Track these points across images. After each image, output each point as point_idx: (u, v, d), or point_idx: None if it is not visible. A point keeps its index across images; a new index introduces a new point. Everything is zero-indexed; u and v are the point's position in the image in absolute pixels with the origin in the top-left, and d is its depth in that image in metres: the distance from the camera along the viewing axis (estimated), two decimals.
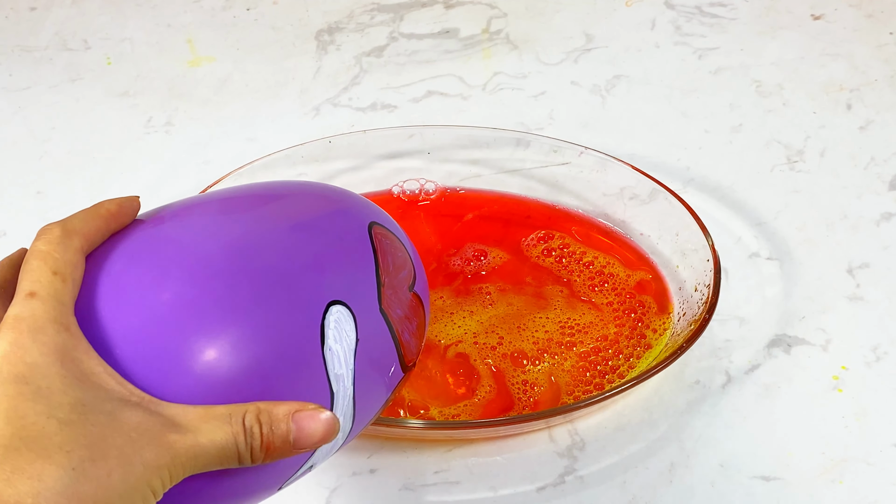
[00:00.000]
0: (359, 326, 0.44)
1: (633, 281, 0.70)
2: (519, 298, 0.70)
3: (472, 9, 1.01)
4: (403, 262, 0.50)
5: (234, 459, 0.39)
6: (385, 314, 0.46)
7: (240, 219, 0.45)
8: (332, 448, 0.45)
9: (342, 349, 0.43)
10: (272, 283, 0.42)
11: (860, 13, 0.99)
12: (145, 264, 0.41)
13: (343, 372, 0.43)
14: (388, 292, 0.47)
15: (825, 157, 0.83)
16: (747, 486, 0.61)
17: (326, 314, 0.42)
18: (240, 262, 0.42)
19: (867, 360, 0.68)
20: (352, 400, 0.44)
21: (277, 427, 0.39)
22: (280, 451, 0.39)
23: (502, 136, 0.77)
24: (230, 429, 0.38)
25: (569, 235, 0.73)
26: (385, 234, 0.49)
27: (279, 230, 0.45)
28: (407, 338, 0.49)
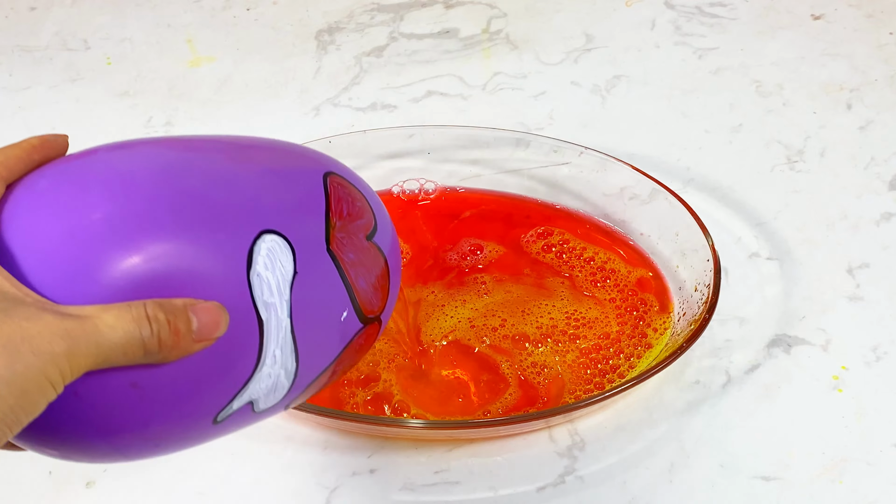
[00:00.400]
0: (298, 260, 0.45)
1: (633, 278, 0.70)
2: (518, 287, 0.70)
3: (472, 9, 1.01)
4: (361, 212, 0.50)
5: (139, 349, 0.39)
6: (334, 255, 0.47)
7: (178, 148, 0.46)
8: (275, 387, 0.45)
9: (274, 278, 0.43)
10: (195, 203, 0.43)
11: (860, 13, 0.99)
12: (67, 181, 0.42)
13: (275, 301, 0.43)
14: (340, 235, 0.48)
15: (825, 157, 0.83)
16: (747, 486, 0.61)
17: (257, 241, 0.43)
18: (164, 179, 0.43)
19: (867, 360, 0.68)
20: (289, 333, 0.44)
21: (179, 315, 0.39)
22: (186, 341, 0.40)
23: (502, 136, 0.77)
24: (131, 315, 0.38)
25: (568, 231, 0.73)
26: (342, 184, 0.50)
27: (217, 160, 0.46)
28: (363, 285, 0.49)
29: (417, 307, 0.69)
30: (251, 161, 0.48)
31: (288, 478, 0.62)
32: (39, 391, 0.36)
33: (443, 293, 0.70)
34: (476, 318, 0.68)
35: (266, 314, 0.43)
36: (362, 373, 0.65)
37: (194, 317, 0.40)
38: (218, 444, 0.63)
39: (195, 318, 0.40)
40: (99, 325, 0.38)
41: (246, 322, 0.42)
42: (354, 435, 0.63)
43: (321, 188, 0.48)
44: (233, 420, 0.45)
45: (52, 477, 0.62)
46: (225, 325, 0.41)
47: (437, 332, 0.67)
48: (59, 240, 0.40)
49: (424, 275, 0.71)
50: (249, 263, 0.42)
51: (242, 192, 0.45)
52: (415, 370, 0.66)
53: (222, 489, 0.61)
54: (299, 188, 0.48)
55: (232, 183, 0.45)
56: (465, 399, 0.64)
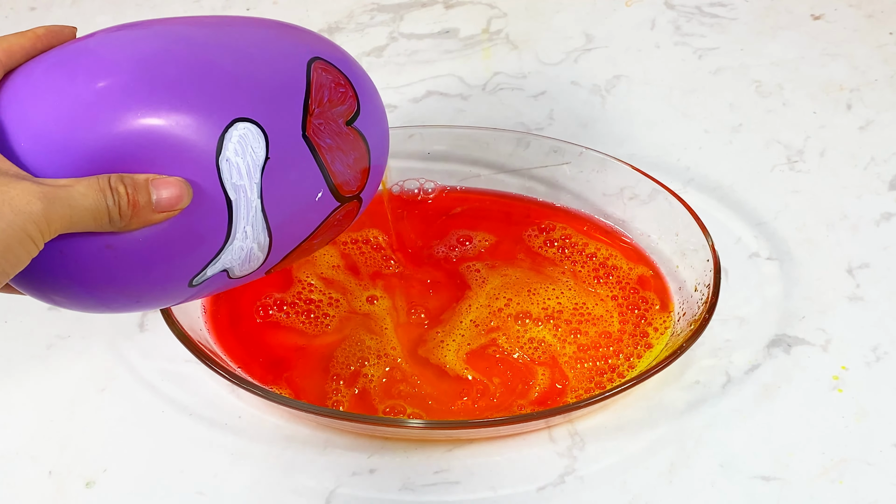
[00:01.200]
0: (271, 146, 0.48)
1: (634, 275, 0.70)
2: (515, 270, 0.71)
3: (472, 9, 1.01)
4: (343, 98, 0.53)
5: (104, 216, 0.44)
6: (309, 140, 0.50)
7: (167, 33, 0.50)
8: (249, 259, 0.50)
9: (244, 163, 0.47)
10: (172, 91, 0.47)
11: (860, 13, 0.99)
12: (57, 67, 0.47)
13: (244, 183, 0.47)
14: (317, 121, 0.51)
15: (825, 157, 0.83)
16: (747, 486, 0.61)
17: (229, 128, 0.47)
18: (145, 66, 0.47)
19: (867, 360, 0.68)
20: (260, 212, 0.49)
21: (140, 188, 0.45)
22: (144, 210, 0.45)
23: (502, 136, 0.77)
24: (98, 185, 0.44)
25: (570, 226, 0.73)
26: (327, 69, 0.53)
27: (202, 46, 0.50)
28: (339, 168, 0.52)
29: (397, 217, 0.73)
30: (234, 46, 0.51)
31: (288, 478, 0.62)
32: (21, 246, 0.41)
33: (445, 291, 0.70)
34: (479, 317, 0.68)
35: (235, 195, 0.47)
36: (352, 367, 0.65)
37: (155, 190, 0.45)
38: (218, 444, 0.63)
39: (156, 191, 0.45)
40: (72, 192, 0.43)
41: (214, 201, 0.47)
42: (354, 435, 0.63)
43: (303, 75, 0.51)
44: (209, 284, 0.50)
45: (52, 477, 0.62)
46: (188, 199, 0.46)
47: (449, 351, 0.67)
48: (45, 121, 0.45)
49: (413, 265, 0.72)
50: (220, 149, 0.47)
51: (219, 81, 0.48)
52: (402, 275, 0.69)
53: (222, 489, 0.61)
54: (279, 75, 0.51)
55: (210, 70, 0.48)
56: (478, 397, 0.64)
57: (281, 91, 0.50)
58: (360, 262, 0.72)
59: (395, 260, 0.71)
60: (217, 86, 0.48)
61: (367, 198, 0.57)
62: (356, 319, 0.68)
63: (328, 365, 0.65)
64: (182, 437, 0.64)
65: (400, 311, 0.69)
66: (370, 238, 0.73)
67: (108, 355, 0.68)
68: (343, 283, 0.70)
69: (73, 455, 0.63)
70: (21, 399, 0.66)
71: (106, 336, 0.70)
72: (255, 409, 0.65)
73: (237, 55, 0.50)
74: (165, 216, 0.46)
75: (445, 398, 0.64)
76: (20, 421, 0.65)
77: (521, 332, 0.67)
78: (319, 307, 0.69)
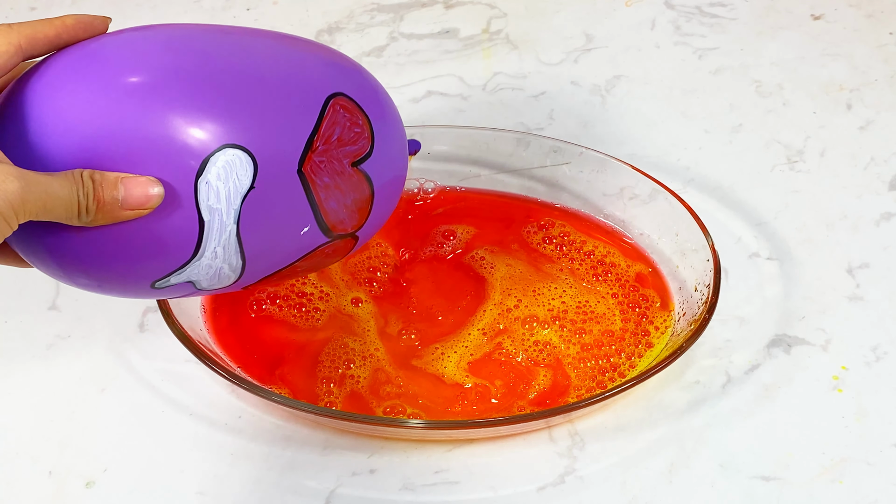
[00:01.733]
0: (259, 177, 0.48)
1: (632, 272, 0.70)
2: (517, 262, 0.71)
3: (472, 9, 1.01)
4: (355, 139, 0.52)
5: (74, 208, 0.45)
6: (304, 176, 0.50)
7: (190, 42, 0.50)
8: (218, 276, 0.50)
9: (225, 188, 0.47)
10: (170, 106, 0.47)
11: (860, 13, 0.99)
12: (67, 68, 0.48)
13: (221, 207, 0.47)
14: (318, 159, 0.50)
15: (825, 157, 0.83)
16: (747, 486, 0.61)
17: (217, 152, 0.47)
18: (154, 80, 0.47)
19: (867, 360, 0.68)
20: (234, 237, 0.48)
21: (108, 186, 0.45)
22: (110, 207, 0.45)
23: (502, 136, 0.77)
24: (72, 177, 0.45)
25: (569, 224, 0.73)
26: (347, 108, 0.52)
27: (221, 65, 0.49)
28: (333, 206, 0.51)
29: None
30: (256, 69, 0.50)
31: (288, 478, 0.62)
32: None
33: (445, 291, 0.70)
34: (488, 323, 0.68)
35: (209, 217, 0.47)
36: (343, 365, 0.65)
37: (123, 188, 0.45)
38: (218, 444, 0.63)
39: (124, 189, 0.46)
40: (50, 180, 0.44)
41: (186, 218, 0.47)
42: (354, 435, 0.63)
43: (317, 110, 0.50)
44: (172, 290, 0.50)
45: (52, 477, 0.62)
46: (157, 200, 0.46)
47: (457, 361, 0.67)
48: (42, 118, 0.47)
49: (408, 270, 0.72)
50: (202, 170, 0.46)
51: (225, 104, 0.48)
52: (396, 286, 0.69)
53: (222, 489, 0.61)
54: (290, 108, 0.50)
55: (220, 91, 0.48)
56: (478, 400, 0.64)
57: (286, 124, 0.49)
58: (360, 264, 0.72)
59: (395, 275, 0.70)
60: (221, 108, 0.48)
61: (366, 236, 0.56)
62: (341, 319, 0.68)
63: (315, 370, 0.65)
64: (182, 437, 0.64)
65: (393, 326, 0.68)
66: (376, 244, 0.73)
67: (108, 355, 0.68)
68: (333, 278, 0.70)
69: (73, 455, 0.63)
70: (21, 399, 0.66)
71: (106, 336, 0.70)
72: (255, 409, 0.65)
73: (254, 80, 0.50)
74: (133, 214, 0.46)
75: (442, 401, 0.64)
76: (20, 421, 0.65)
77: (526, 335, 0.67)
78: (311, 300, 0.69)
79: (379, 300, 0.69)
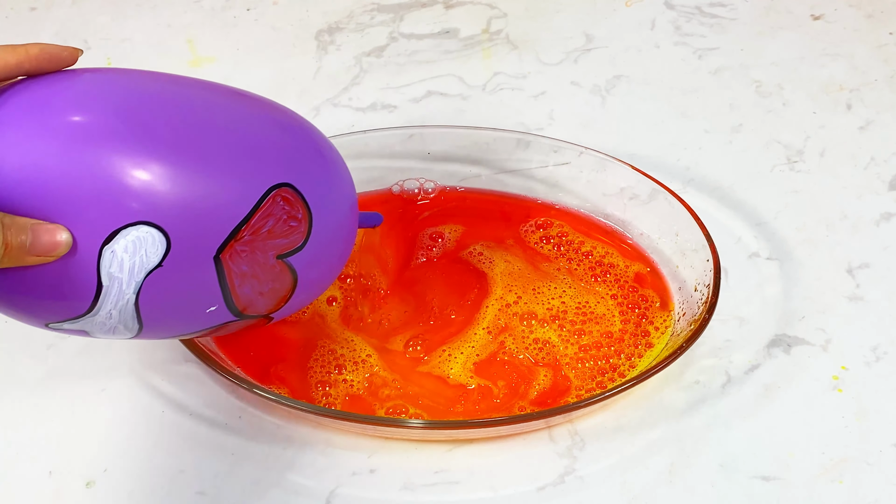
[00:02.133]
0: (170, 257, 0.47)
1: (631, 272, 0.70)
2: (515, 258, 0.71)
3: (472, 9, 1.01)
4: (288, 233, 0.50)
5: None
6: (220, 263, 0.48)
7: (131, 100, 0.48)
8: (113, 332, 0.50)
9: (130, 261, 0.46)
10: (93, 165, 0.46)
11: (860, 13, 0.99)
12: (14, 101, 0.46)
13: (122, 277, 0.47)
14: (241, 248, 0.49)
15: (825, 157, 0.83)
16: (747, 486, 0.61)
17: (129, 227, 0.46)
18: (84, 132, 0.46)
19: (867, 360, 0.68)
20: (132, 305, 0.48)
21: (16, 230, 0.44)
22: (17, 252, 0.44)
23: (502, 136, 0.77)
24: None
25: (567, 224, 0.74)
26: (290, 201, 0.50)
27: (158, 137, 0.47)
28: (246, 292, 0.50)
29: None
30: (197, 146, 0.48)
31: (288, 478, 0.62)
32: None
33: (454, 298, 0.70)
34: (492, 321, 0.68)
35: (108, 283, 0.46)
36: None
37: (32, 235, 0.45)
38: (218, 444, 0.63)
39: (33, 236, 0.45)
40: None
41: (85, 278, 0.46)
42: (354, 435, 0.63)
43: (254, 201, 0.49)
44: (67, 332, 0.50)
45: (52, 477, 0.62)
46: (64, 248, 0.45)
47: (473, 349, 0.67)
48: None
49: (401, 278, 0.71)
50: (109, 240, 0.46)
51: (150, 179, 0.47)
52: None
53: (222, 489, 0.61)
54: (224, 195, 0.48)
55: (150, 162, 0.47)
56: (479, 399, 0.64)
57: (214, 211, 0.48)
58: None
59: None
60: (147, 183, 0.47)
61: (282, 316, 0.56)
62: (317, 321, 0.68)
63: (306, 375, 0.65)
64: (182, 437, 0.64)
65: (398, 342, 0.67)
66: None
67: (108, 355, 0.68)
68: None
69: (73, 455, 0.63)
70: (21, 399, 0.66)
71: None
72: (255, 409, 0.65)
73: (194, 160, 0.48)
74: (39, 260, 0.45)
75: (445, 402, 0.64)
76: (20, 421, 0.65)
77: (526, 332, 0.67)
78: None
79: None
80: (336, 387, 0.64)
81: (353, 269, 0.71)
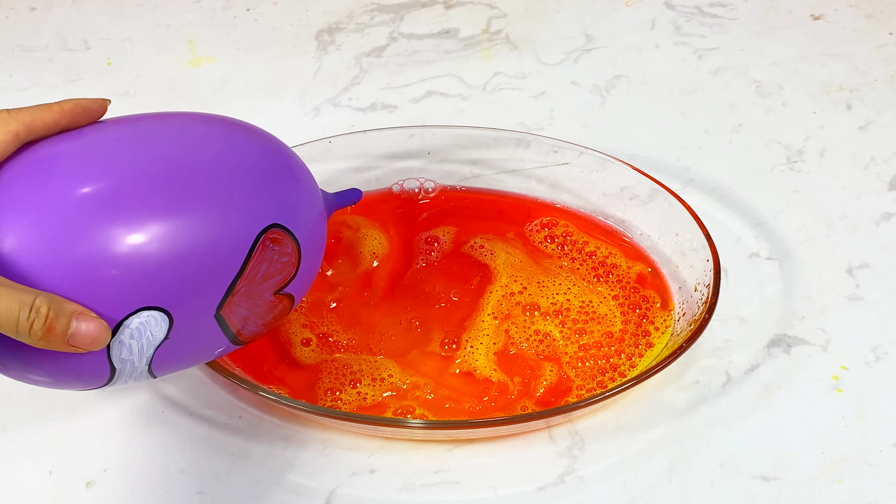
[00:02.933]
0: (175, 329, 0.47)
1: (633, 273, 0.70)
2: (515, 250, 0.72)
3: (472, 9, 1.01)
4: (282, 269, 0.51)
5: (11, 327, 0.43)
6: (222, 319, 0.49)
7: (131, 187, 0.48)
8: (129, 382, 0.50)
9: (138, 344, 0.47)
10: (92, 262, 0.45)
11: (860, 13, 0.99)
12: (39, 163, 0.47)
13: (133, 359, 0.47)
14: (239, 300, 0.49)
15: (825, 157, 0.83)
16: (747, 486, 0.61)
17: (131, 316, 0.46)
18: (75, 235, 0.46)
19: (867, 360, 0.68)
20: (146, 373, 0.49)
21: (62, 318, 0.44)
22: (57, 339, 0.44)
23: (502, 136, 0.77)
24: (20, 297, 0.43)
25: (572, 224, 0.74)
26: (278, 239, 0.50)
27: (139, 221, 0.47)
28: (250, 328, 0.51)
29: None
30: (185, 220, 0.47)
31: (288, 478, 0.62)
32: None
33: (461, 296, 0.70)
34: (496, 307, 0.68)
35: (120, 366, 0.47)
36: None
37: (76, 323, 0.44)
38: (218, 444, 0.63)
39: (76, 324, 0.44)
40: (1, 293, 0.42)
41: (99, 365, 0.47)
42: (354, 435, 0.63)
43: (244, 252, 0.48)
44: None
45: (52, 477, 0.62)
46: (101, 344, 0.45)
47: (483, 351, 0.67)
48: (21, 221, 0.45)
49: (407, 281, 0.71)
50: (115, 331, 0.46)
51: (143, 267, 0.46)
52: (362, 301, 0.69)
53: (222, 489, 0.61)
54: (214, 262, 0.48)
55: (142, 253, 0.46)
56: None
57: (207, 277, 0.48)
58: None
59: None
60: (141, 271, 0.46)
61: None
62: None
63: (314, 387, 0.65)
64: (182, 437, 0.64)
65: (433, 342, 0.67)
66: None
67: None
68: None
69: (73, 455, 0.63)
70: (21, 399, 0.66)
71: None
72: (255, 409, 0.65)
73: (180, 239, 0.47)
74: (72, 350, 0.45)
75: (464, 400, 0.64)
76: (20, 421, 0.65)
77: (527, 322, 0.67)
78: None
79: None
80: (347, 392, 0.64)
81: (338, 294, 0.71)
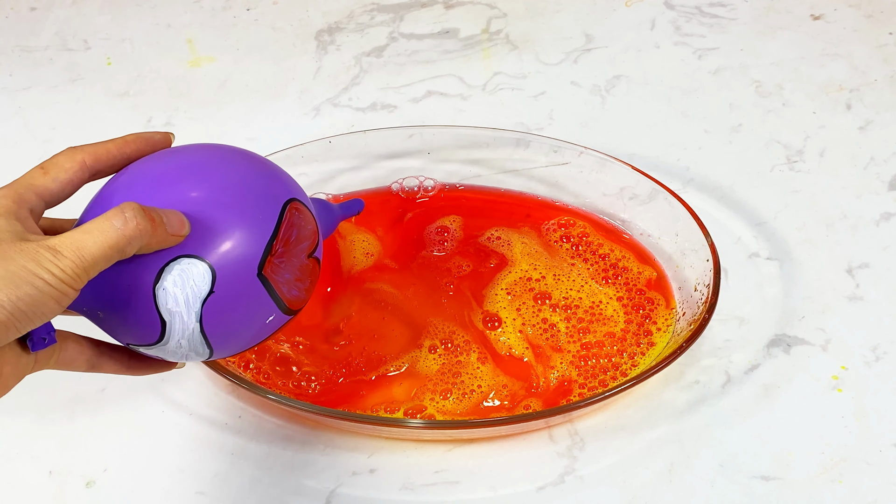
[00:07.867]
0: (219, 283, 0.51)
1: (643, 278, 0.70)
2: (527, 238, 0.73)
3: (472, 9, 1.01)
4: (309, 235, 0.56)
5: (121, 238, 0.46)
6: (265, 278, 0.52)
7: (175, 180, 0.52)
8: (186, 357, 0.53)
9: (183, 294, 0.50)
10: None
11: (860, 13, 0.99)
12: (109, 191, 0.52)
13: (180, 310, 0.50)
14: (278, 260, 0.53)
15: (825, 157, 0.83)
16: (747, 486, 0.61)
17: (171, 262, 0.49)
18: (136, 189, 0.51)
19: (867, 360, 0.68)
20: (198, 333, 0.51)
21: (153, 211, 0.47)
22: (161, 229, 0.47)
23: (502, 136, 0.77)
24: (107, 217, 0.46)
25: (590, 225, 0.74)
26: (300, 210, 0.55)
27: (177, 181, 0.52)
28: (294, 294, 0.55)
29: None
30: (213, 186, 0.53)
31: (288, 478, 0.62)
32: (30, 285, 0.44)
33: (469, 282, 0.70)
34: (509, 287, 0.69)
35: (169, 318, 0.50)
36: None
37: (165, 215, 0.48)
38: (218, 444, 0.63)
39: (165, 216, 0.48)
40: (77, 236, 0.45)
41: (150, 317, 0.50)
42: (354, 435, 0.63)
43: (275, 217, 0.53)
44: (145, 354, 0.53)
45: (52, 477, 0.62)
46: (188, 227, 0.49)
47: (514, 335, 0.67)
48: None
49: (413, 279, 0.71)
50: (158, 279, 0.49)
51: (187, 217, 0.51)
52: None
53: (222, 489, 0.61)
54: (247, 218, 0.52)
55: (179, 206, 0.51)
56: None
57: (243, 234, 0.52)
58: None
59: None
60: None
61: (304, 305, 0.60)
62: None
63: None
64: (182, 437, 0.64)
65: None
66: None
67: None
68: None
69: (73, 455, 0.63)
70: (21, 399, 0.66)
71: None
72: (255, 409, 0.65)
73: (214, 198, 0.52)
74: (175, 241, 0.49)
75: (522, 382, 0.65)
76: (20, 421, 0.65)
77: (535, 309, 0.67)
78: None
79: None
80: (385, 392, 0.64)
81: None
